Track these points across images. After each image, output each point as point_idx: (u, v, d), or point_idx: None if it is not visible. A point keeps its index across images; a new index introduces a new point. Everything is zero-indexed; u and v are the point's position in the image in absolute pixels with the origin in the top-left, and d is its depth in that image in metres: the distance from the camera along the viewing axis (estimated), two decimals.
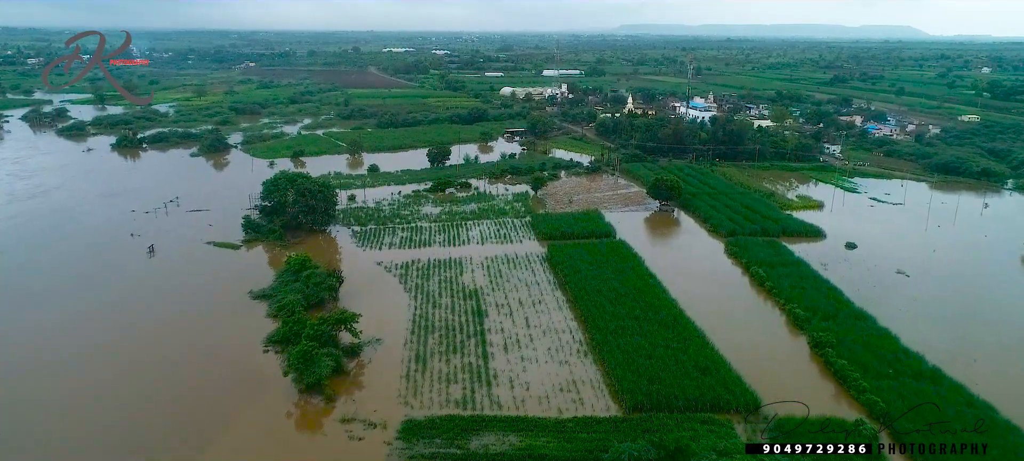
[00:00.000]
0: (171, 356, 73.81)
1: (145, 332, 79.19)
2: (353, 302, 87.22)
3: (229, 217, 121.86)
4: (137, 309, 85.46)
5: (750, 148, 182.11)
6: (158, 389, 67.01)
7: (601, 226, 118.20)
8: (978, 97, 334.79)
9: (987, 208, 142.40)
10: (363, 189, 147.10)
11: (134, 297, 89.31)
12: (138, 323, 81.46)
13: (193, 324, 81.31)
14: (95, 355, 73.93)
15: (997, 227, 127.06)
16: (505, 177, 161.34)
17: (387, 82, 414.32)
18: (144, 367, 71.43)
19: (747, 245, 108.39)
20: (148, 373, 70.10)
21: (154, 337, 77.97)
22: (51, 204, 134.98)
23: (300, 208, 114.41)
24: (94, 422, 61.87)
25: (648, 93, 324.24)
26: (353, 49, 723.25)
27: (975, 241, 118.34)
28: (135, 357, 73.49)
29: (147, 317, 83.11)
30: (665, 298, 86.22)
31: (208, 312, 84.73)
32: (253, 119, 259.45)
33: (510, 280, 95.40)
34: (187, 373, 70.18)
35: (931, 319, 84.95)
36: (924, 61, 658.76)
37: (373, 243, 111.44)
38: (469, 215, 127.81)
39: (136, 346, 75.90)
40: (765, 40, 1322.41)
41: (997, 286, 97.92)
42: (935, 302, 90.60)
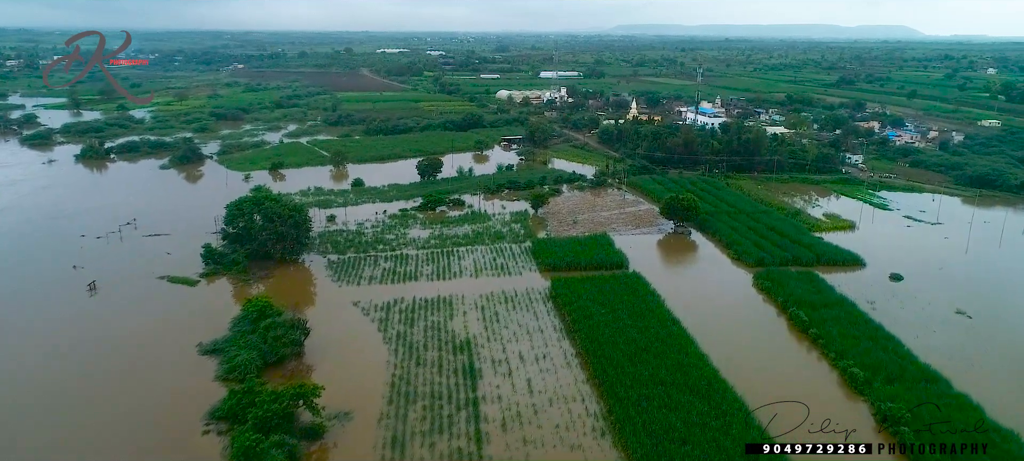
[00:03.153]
0: (83, 435, 59.41)
1: (55, 400, 64.67)
2: (321, 358, 73.08)
3: (192, 243, 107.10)
4: (53, 368, 71.05)
5: (766, 159, 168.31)
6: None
7: (611, 254, 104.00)
8: (993, 100, 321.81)
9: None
10: (345, 207, 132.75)
11: (55, 350, 74.82)
12: (49, 388, 66.88)
13: (121, 390, 66.85)
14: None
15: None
16: (502, 192, 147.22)
17: (379, 85, 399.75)
18: (39, 451, 57.05)
19: (780, 278, 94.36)
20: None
21: (66, 407, 63.55)
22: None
23: (268, 235, 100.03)
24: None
25: (652, 97, 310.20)
26: (345, 50, 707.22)
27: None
28: (32, 437, 58.95)
29: (64, 379, 68.68)
30: (694, 353, 72.06)
31: (144, 372, 70.28)
32: (235, 125, 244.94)
33: (508, 326, 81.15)
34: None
35: (1012, 378, 71.06)
36: (927, 61, 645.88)
37: (351, 276, 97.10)
38: (462, 239, 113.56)
39: (36, 421, 61.36)
40: (764, 40, 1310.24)
41: None
42: (1010, 355, 76.66)
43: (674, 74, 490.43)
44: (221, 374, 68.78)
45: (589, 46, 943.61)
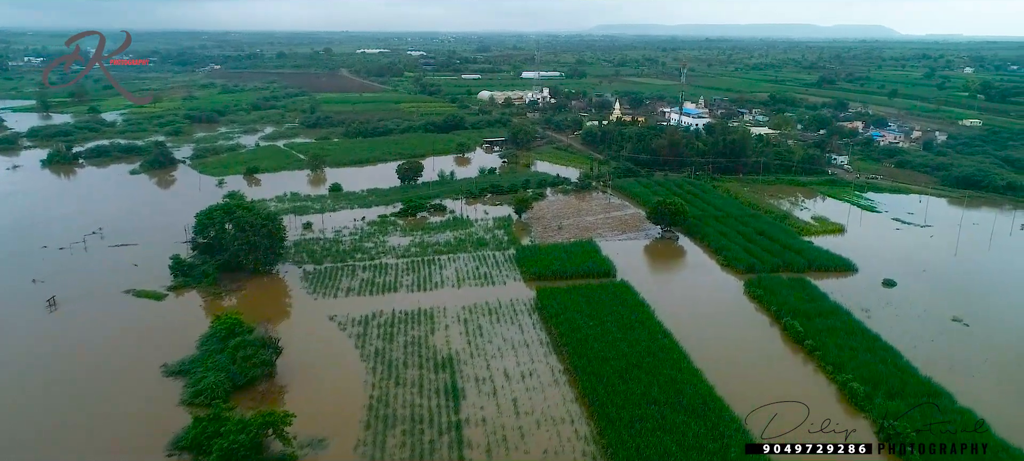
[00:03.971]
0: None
1: (4, 428, 60.06)
2: (294, 379, 68.93)
3: (161, 253, 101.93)
4: (5, 392, 66.21)
5: (753, 160, 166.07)
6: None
7: (598, 262, 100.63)
8: (973, 99, 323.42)
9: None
10: (322, 214, 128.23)
11: (4, 373, 69.92)
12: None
13: (76, 417, 62.33)
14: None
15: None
16: (485, 197, 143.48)
17: (359, 85, 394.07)
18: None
19: (771, 286, 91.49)
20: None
21: (11, 438, 58.92)
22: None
23: (240, 246, 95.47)
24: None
25: (635, 97, 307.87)
26: (325, 50, 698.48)
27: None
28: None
29: (11, 405, 63.97)
30: (688, 368, 68.82)
31: (103, 397, 65.72)
32: (210, 128, 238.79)
33: (493, 340, 77.44)
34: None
35: (1015, 391, 68.59)
36: (906, 61, 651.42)
37: (328, 288, 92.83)
38: (443, 247, 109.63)
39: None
40: (743, 40, 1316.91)
41: None
42: (1011, 366, 74.25)
43: (656, 74, 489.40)
44: (186, 398, 64.43)
45: (570, 46, 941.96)
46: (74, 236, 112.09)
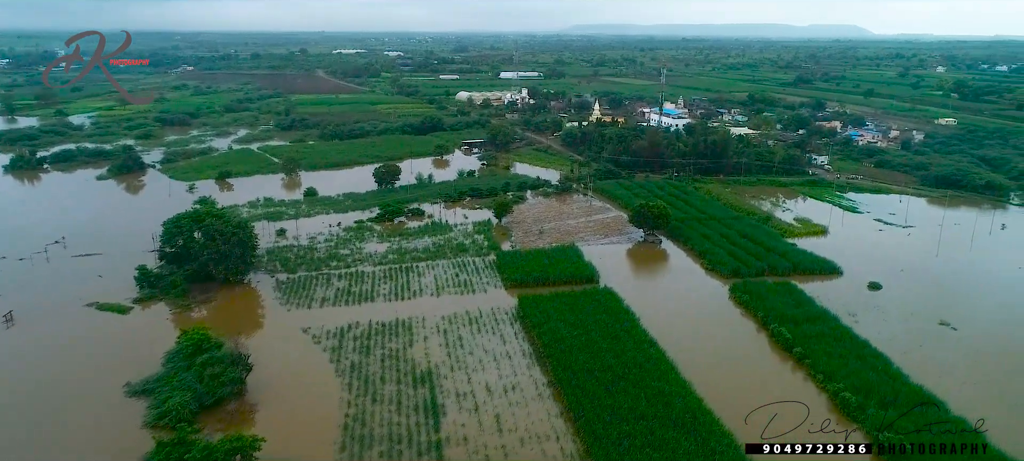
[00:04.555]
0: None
1: None
2: (265, 397, 65.66)
3: (127, 263, 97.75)
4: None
5: (734, 161, 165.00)
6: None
7: (581, 267, 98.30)
8: (947, 98, 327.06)
9: (1004, 229, 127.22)
10: (297, 219, 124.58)
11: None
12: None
13: (32, 441, 58.60)
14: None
15: (1022, 253, 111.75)
16: (463, 200, 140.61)
17: (335, 86, 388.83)
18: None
19: (757, 291, 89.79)
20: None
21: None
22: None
23: (209, 255, 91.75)
24: None
25: (614, 98, 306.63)
26: (300, 51, 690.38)
27: (1010, 275, 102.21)
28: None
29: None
30: (676, 380, 66.63)
31: (61, 419, 62.02)
32: (182, 131, 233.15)
33: (474, 352, 74.72)
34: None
35: (1007, 398, 67.29)
36: (879, 60, 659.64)
37: (302, 298, 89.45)
38: (422, 254, 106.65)
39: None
40: (720, 40, 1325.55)
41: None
42: (1001, 371, 73.04)
43: (634, 74, 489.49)
44: (150, 420, 60.92)
45: (548, 46, 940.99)
46: (35, 246, 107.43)
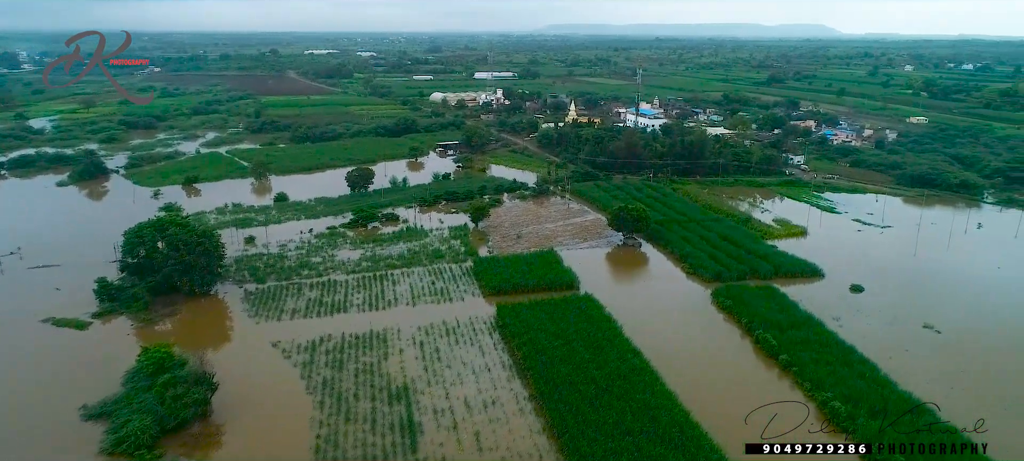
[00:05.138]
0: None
1: None
2: (232, 418, 62.25)
3: (86, 275, 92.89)
4: None
5: (711, 162, 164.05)
6: None
7: (560, 273, 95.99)
8: (917, 97, 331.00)
9: (980, 228, 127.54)
10: (266, 226, 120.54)
11: None
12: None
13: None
14: None
15: (999, 252, 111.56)
16: (439, 204, 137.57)
17: (307, 88, 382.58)
18: None
19: (740, 295, 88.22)
20: None
21: None
22: None
23: (173, 266, 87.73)
24: None
25: (590, 98, 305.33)
26: (271, 52, 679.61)
27: (989, 275, 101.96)
28: None
29: None
30: (661, 391, 64.53)
31: (12, 445, 58.00)
32: (147, 135, 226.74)
33: (452, 365, 71.94)
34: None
35: (995, 403, 66.20)
36: (850, 59, 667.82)
37: (271, 310, 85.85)
38: (396, 261, 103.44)
39: None
40: (693, 39, 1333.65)
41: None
42: (987, 375, 72.08)
43: (609, 74, 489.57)
44: (107, 446, 57.16)
45: (522, 46, 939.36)
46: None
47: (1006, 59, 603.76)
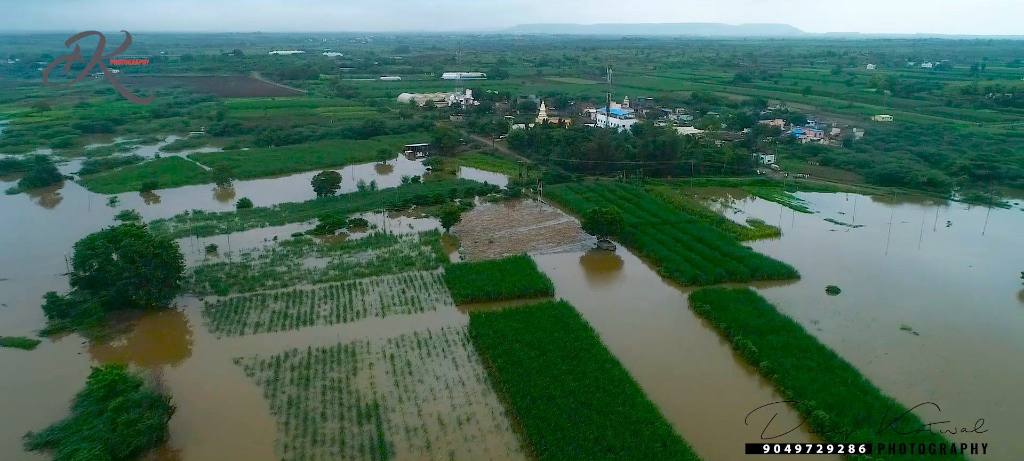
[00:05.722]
0: None
1: None
2: (190, 444, 58.53)
3: (36, 289, 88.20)
4: None
5: (683, 162, 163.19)
6: None
7: (534, 279, 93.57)
8: (880, 95, 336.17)
9: (950, 226, 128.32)
10: (229, 234, 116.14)
11: None
12: None
13: None
14: None
15: (968, 250, 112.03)
16: (409, 208, 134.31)
17: (272, 89, 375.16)
18: None
19: (717, 299, 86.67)
20: None
21: None
22: None
23: (128, 279, 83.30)
24: None
25: (560, 98, 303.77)
26: (234, 52, 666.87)
27: (961, 274, 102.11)
28: None
29: None
30: (642, 403, 62.33)
31: None
32: (104, 139, 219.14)
33: (424, 379, 69.01)
34: None
35: (979, 408, 65.35)
36: (813, 58, 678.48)
37: (233, 323, 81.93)
38: (365, 269, 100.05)
39: None
40: (659, 39, 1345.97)
41: (1019, 342, 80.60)
42: (966, 378, 71.37)
43: (577, 73, 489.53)
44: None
45: (491, 46, 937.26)
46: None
47: (963, 58, 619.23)
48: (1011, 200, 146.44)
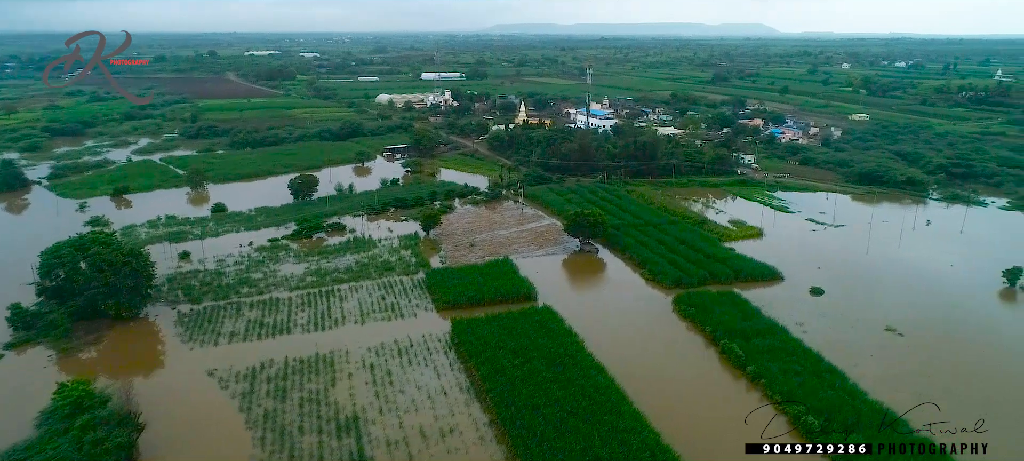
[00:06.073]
0: None
1: None
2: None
3: (0, 300, 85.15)
4: None
5: (664, 163, 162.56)
6: None
7: (517, 284, 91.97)
8: (856, 94, 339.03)
9: (929, 224, 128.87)
10: (203, 239, 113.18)
11: None
12: None
13: None
14: None
15: (949, 248, 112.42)
16: (388, 212, 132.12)
17: (247, 90, 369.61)
18: None
19: (702, 302, 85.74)
20: None
21: None
22: None
23: (97, 289, 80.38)
24: None
25: (539, 98, 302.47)
26: (209, 53, 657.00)
27: (943, 274, 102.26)
28: None
29: None
30: (629, 412, 61.01)
31: None
32: (74, 142, 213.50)
33: (405, 389, 67.12)
34: None
35: (965, 410, 64.90)
36: (789, 57, 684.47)
37: (207, 333, 79.40)
38: (344, 274, 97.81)
39: None
40: (638, 39, 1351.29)
41: (1004, 341, 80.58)
42: (950, 377, 71.01)
43: (556, 74, 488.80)
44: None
45: (469, 46, 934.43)
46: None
47: (935, 57, 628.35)
48: (988, 198, 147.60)
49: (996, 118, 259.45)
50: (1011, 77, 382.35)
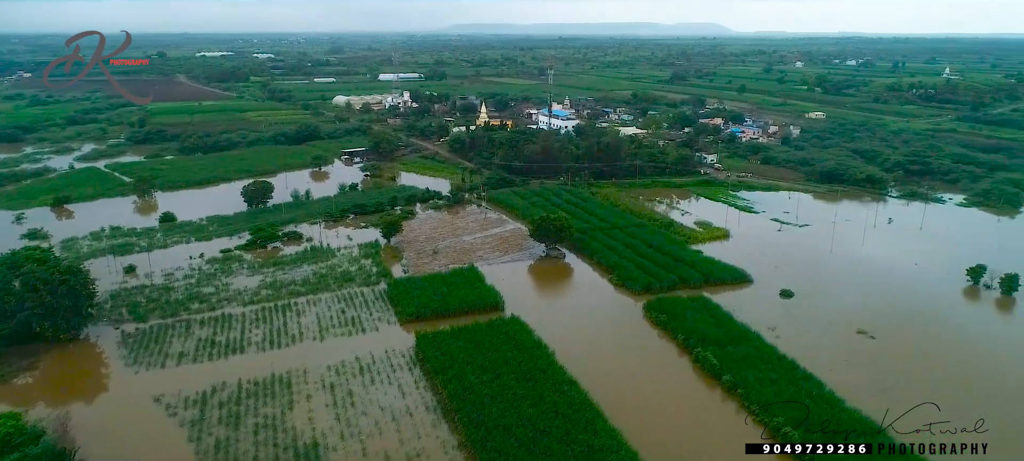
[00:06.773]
0: None
1: None
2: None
3: None
4: None
5: (627, 164, 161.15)
6: None
7: (483, 293, 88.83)
8: (811, 92, 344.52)
9: (891, 222, 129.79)
10: (150, 252, 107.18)
11: None
12: None
13: None
14: None
15: (911, 246, 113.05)
16: (347, 219, 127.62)
17: (198, 93, 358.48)
18: None
19: (673, 309, 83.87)
20: None
21: None
22: None
23: (32, 310, 74.63)
24: None
25: (500, 99, 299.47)
26: (158, 54, 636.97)
27: (908, 273, 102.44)
28: None
29: None
30: (604, 429, 58.39)
31: None
32: (12, 149, 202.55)
33: (368, 411, 63.40)
34: None
35: (940, 415, 63.98)
36: (744, 57, 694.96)
37: (153, 355, 74.36)
38: (301, 287, 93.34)
39: None
40: (596, 38, 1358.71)
41: (974, 340, 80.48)
42: (924, 380, 70.24)
43: (516, 73, 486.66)
44: None
45: (427, 46, 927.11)
46: None
47: (884, 56, 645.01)
48: (945, 195, 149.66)
49: (946, 114, 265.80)
50: (958, 75, 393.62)
